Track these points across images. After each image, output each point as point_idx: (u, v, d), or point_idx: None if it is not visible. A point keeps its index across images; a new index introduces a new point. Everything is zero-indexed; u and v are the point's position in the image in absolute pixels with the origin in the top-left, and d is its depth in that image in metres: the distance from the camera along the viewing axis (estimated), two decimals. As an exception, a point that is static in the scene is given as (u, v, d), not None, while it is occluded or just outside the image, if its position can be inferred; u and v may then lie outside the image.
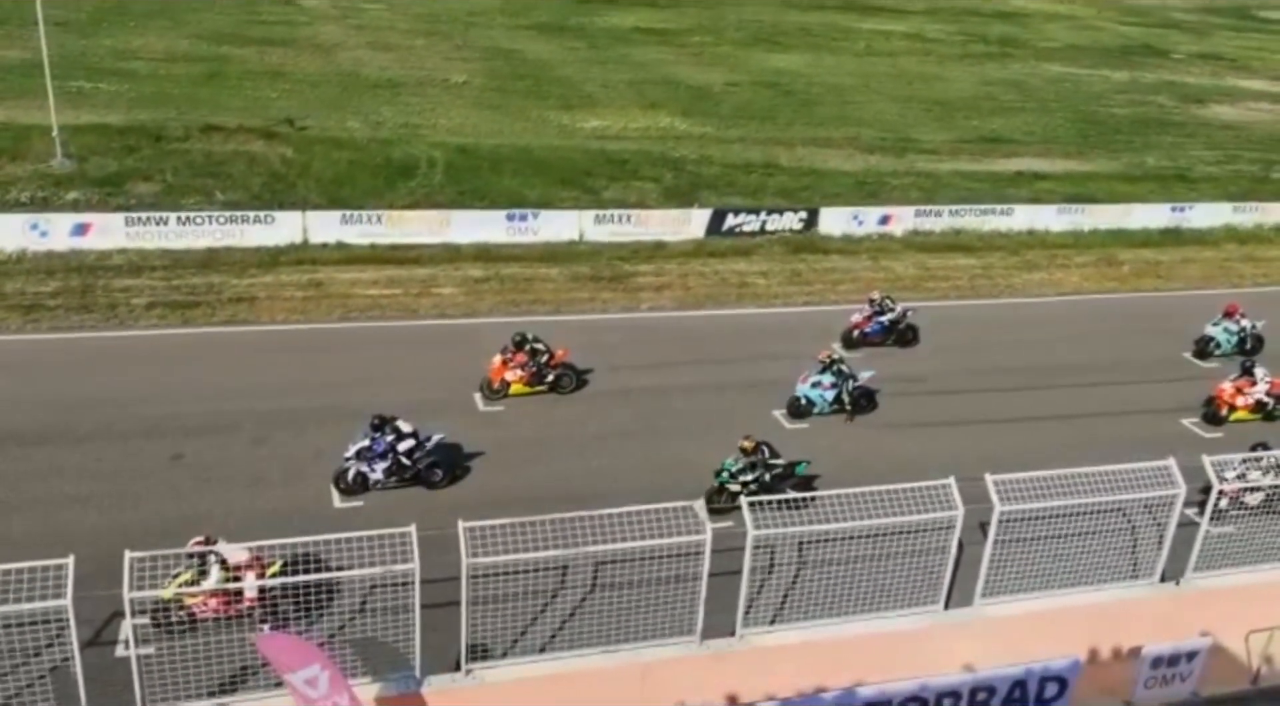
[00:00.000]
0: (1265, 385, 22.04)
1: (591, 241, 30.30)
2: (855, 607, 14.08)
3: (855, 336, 24.73)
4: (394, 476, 17.72)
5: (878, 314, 24.80)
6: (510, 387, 21.26)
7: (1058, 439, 20.93)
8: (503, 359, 21.27)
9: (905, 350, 24.95)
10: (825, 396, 21.29)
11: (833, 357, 21.59)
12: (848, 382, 21.30)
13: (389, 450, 17.58)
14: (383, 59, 50.49)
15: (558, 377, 21.54)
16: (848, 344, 24.45)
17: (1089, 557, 15.03)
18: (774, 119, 45.67)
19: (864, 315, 24.94)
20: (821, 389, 21.30)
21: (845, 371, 21.37)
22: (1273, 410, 22.14)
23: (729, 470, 17.57)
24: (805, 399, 21.31)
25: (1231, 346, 25.29)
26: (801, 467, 17.98)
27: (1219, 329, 25.47)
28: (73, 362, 21.47)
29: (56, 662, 12.25)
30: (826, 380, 21.30)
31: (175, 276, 25.84)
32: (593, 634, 13.29)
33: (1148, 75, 62.38)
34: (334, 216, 28.72)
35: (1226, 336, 25.40)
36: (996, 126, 47.72)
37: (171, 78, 43.47)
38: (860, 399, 21.55)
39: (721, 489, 17.45)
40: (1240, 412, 21.99)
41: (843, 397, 21.29)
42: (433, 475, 18.06)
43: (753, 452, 17.61)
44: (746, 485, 17.30)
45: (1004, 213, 34.69)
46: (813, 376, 21.43)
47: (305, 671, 11.13)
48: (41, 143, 31.99)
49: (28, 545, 14.25)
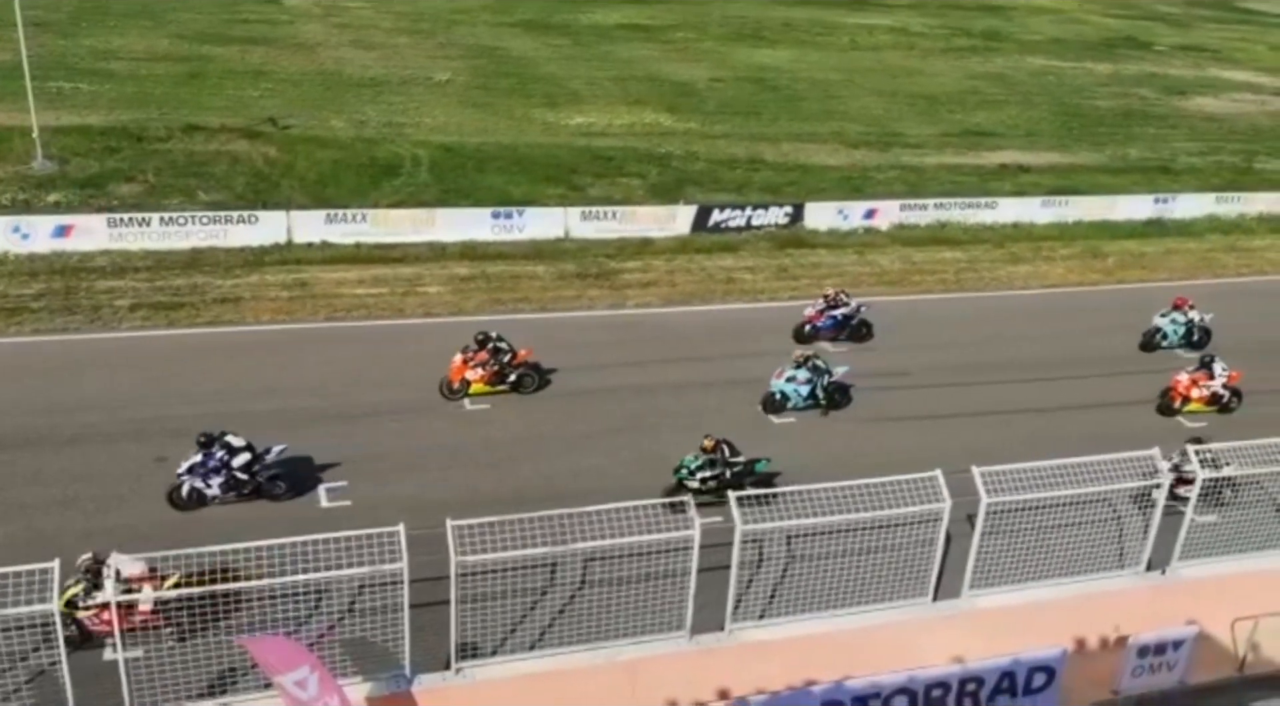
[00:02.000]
0: (1223, 378, 22.08)
1: (577, 238, 30.27)
2: (844, 601, 14.12)
3: (807, 331, 24.70)
4: (232, 491, 17.15)
5: (830, 308, 24.79)
6: (470, 387, 20.96)
7: (1043, 431, 21.05)
8: (463, 358, 20.98)
9: (895, 344, 24.99)
10: (800, 391, 21.31)
11: (808, 354, 21.66)
12: (822, 378, 21.36)
13: (222, 465, 17.01)
14: (366, 57, 50.28)
15: (520, 377, 21.28)
16: (799, 338, 24.45)
17: (1075, 548, 15.11)
18: (759, 114, 45.69)
19: (817, 309, 24.93)
20: (796, 384, 21.32)
21: (820, 367, 21.42)
22: (1228, 403, 22.21)
23: (688, 467, 17.56)
24: (780, 394, 21.36)
25: (1179, 338, 25.32)
26: (761, 465, 18.00)
27: (1166, 321, 25.42)
28: (56, 365, 21.34)
29: (44, 667, 12.20)
30: (801, 375, 21.32)
31: (159, 277, 25.71)
32: (583, 631, 13.29)
33: (1131, 68, 62.65)
34: (318, 216, 28.60)
35: (1173, 328, 25.36)
36: (981, 120, 47.87)
37: (153, 77, 43.19)
38: (835, 394, 21.62)
39: (680, 485, 17.36)
40: (1194, 405, 22.07)
41: (817, 393, 21.33)
42: (275, 488, 17.46)
43: (712, 451, 17.62)
44: (705, 482, 17.33)
45: (989, 206, 34.82)
46: (788, 372, 21.44)
47: (295, 673, 11.10)
48: (22, 144, 31.77)
49: (12, 549, 14.16)
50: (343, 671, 12.53)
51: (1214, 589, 15.23)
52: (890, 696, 13.26)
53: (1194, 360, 23.15)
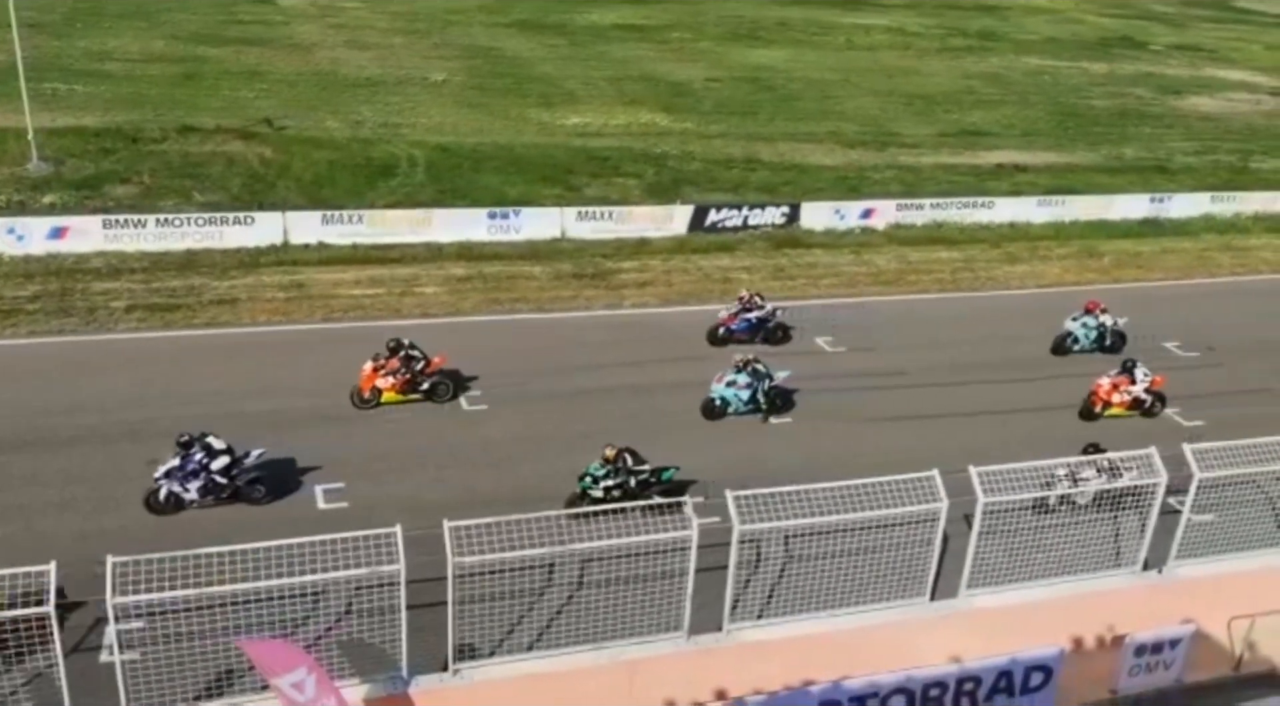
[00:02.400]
0: (1145, 383, 21.71)
1: (574, 239, 30.26)
2: (841, 601, 14.13)
3: (721, 333, 24.14)
4: (210, 495, 16.89)
5: (745, 311, 24.16)
6: (382, 396, 20.31)
7: (1041, 431, 21.05)
8: (374, 366, 20.30)
9: (892, 344, 24.98)
10: (740, 396, 20.86)
11: (748, 358, 21.15)
12: (763, 382, 20.87)
13: (201, 469, 16.74)
14: (361, 58, 50.24)
15: (433, 386, 20.60)
16: (713, 341, 23.97)
17: (1072, 547, 15.14)
18: (755, 114, 45.71)
19: (730, 312, 24.35)
20: (736, 389, 20.88)
21: (761, 371, 20.91)
22: (1151, 408, 21.87)
23: (592, 475, 17.04)
24: (720, 400, 20.89)
25: (1090, 342, 24.71)
26: (668, 474, 17.51)
27: (1078, 324, 24.81)
28: (52, 367, 21.29)
29: (41, 669, 12.18)
30: (742, 380, 20.85)
31: (155, 279, 25.66)
32: (580, 631, 13.29)
33: (1126, 67, 62.75)
34: (314, 217, 28.57)
35: (1085, 332, 24.75)
36: (977, 120, 47.92)
37: (148, 78, 43.14)
38: (776, 399, 21.16)
39: (584, 494, 16.89)
40: (1116, 409, 21.73)
41: (758, 398, 20.90)
42: (254, 492, 17.20)
43: (614, 460, 17.07)
44: (609, 491, 16.82)
45: (985, 206, 34.85)
46: (728, 376, 21.00)
47: (292, 675, 11.09)
48: (17, 146, 31.71)
49: (8, 552, 14.12)
50: (340, 673, 12.53)
51: (1210, 588, 15.27)
52: (888, 696, 13.27)
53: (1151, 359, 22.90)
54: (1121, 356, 23.12)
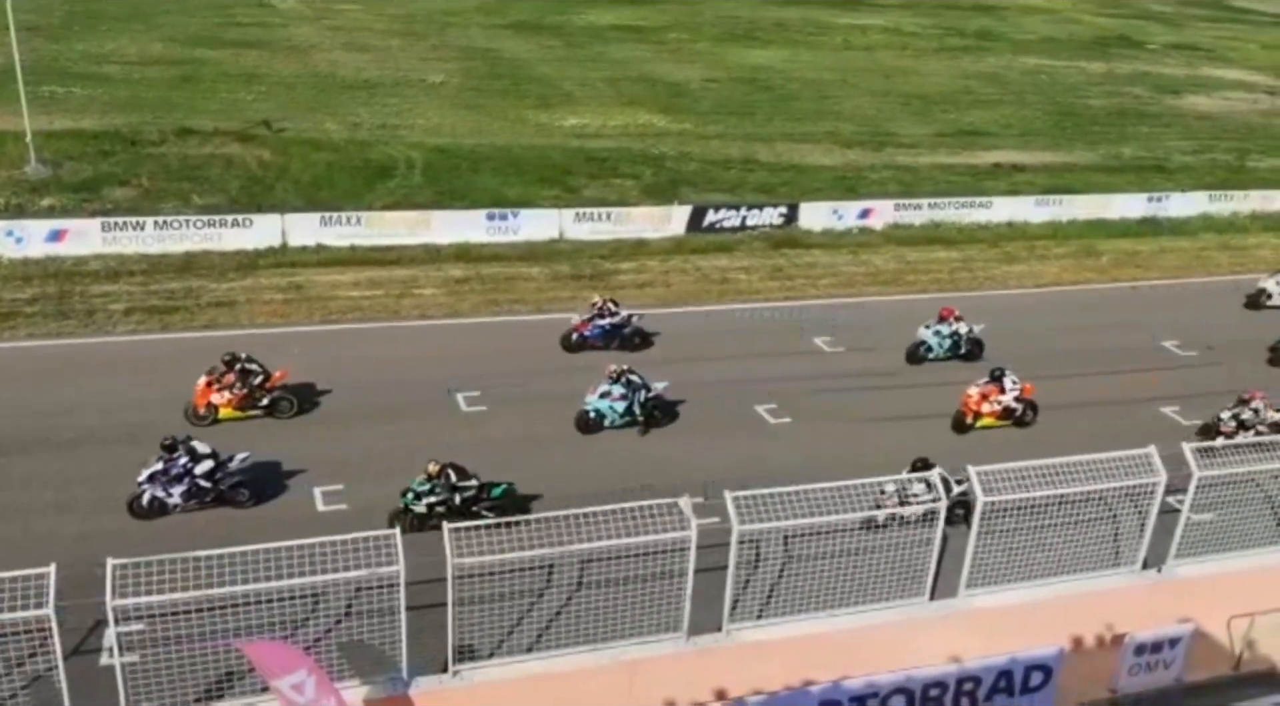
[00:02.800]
0: (1015, 392, 21.00)
1: (572, 240, 30.27)
2: (841, 601, 14.13)
3: (575, 340, 23.37)
4: (194, 499, 16.75)
5: (599, 317, 23.38)
6: (219, 412, 19.46)
7: (1038, 429, 21.07)
8: (208, 381, 19.43)
9: (890, 344, 24.98)
10: (616, 408, 20.08)
11: (622, 368, 20.30)
12: (639, 394, 20.11)
13: (185, 473, 16.56)
14: (359, 60, 50.23)
15: (275, 401, 19.75)
16: (566, 347, 23.28)
17: (1072, 546, 15.14)
18: (752, 115, 45.72)
19: (583, 318, 23.52)
20: (611, 400, 20.06)
21: (636, 381, 20.16)
22: (1023, 417, 21.21)
23: (414, 491, 16.48)
24: (595, 411, 20.09)
25: (944, 350, 23.88)
26: (499, 490, 16.99)
27: (930, 333, 23.94)
28: (51, 370, 21.28)
29: (40, 672, 12.17)
30: (617, 391, 20.04)
31: (153, 281, 25.66)
32: (580, 632, 13.29)
33: (1124, 67, 62.79)
34: (313, 218, 28.56)
35: (938, 340, 23.89)
36: (974, 119, 47.94)
37: (146, 81, 43.13)
38: (655, 411, 20.38)
39: (406, 510, 16.36)
40: (987, 420, 21.02)
41: (634, 410, 20.15)
42: (238, 495, 17.09)
43: (437, 476, 16.45)
44: (433, 508, 16.34)
45: (983, 205, 34.87)
46: (601, 386, 20.14)
47: (292, 676, 11.10)
48: (15, 149, 31.69)
49: (8, 554, 14.11)
50: (340, 674, 12.52)
51: (1210, 587, 15.27)
52: (888, 696, 13.28)
53: None
54: (990, 364, 22.18)
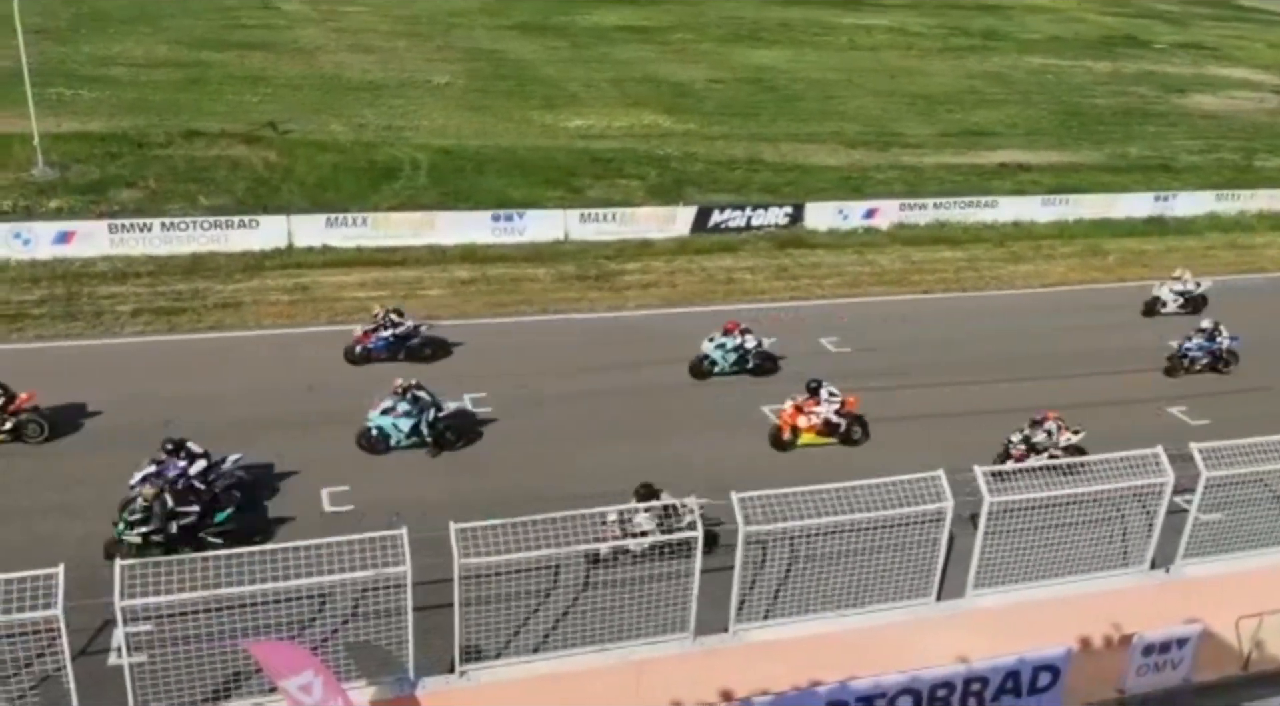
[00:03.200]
0: (833, 404, 20.03)
1: (577, 241, 30.29)
2: (848, 601, 14.11)
3: (359, 352, 22.28)
4: None
5: (381, 328, 22.38)
6: None
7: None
8: None
9: (895, 344, 24.97)
10: (400, 426, 18.84)
11: (408, 383, 19.10)
12: (427, 412, 18.91)
13: (179, 474, 16.26)
14: (364, 61, 50.31)
15: (21, 425, 18.55)
16: (350, 359, 22.27)
17: (1079, 547, 15.10)
18: (757, 115, 45.71)
19: (366, 328, 22.46)
20: (395, 417, 18.84)
21: (424, 398, 18.99)
22: (849, 432, 20.18)
23: (126, 520, 15.54)
24: (377, 430, 18.90)
25: (729, 364, 22.59)
26: (222, 516, 16.23)
27: (713, 346, 22.61)
28: (59, 371, 21.31)
29: (48, 673, 12.19)
30: (402, 407, 18.82)
31: (160, 283, 25.72)
32: (586, 632, 13.28)
33: (1130, 66, 62.67)
34: (319, 220, 28.61)
35: (723, 354, 22.54)
36: (980, 119, 47.88)
37: (152, 83, 43.25)
38: (447, 431, 19.07)
39: (119, 541, 15.43)
40: (808, 436, 19.99)
41: (422, 429, 18.94)
42: (230, 498, 16.78)
43: (153, 500, 15.59)
44: (147, 538, 15.46)
45: (989, 205, 34.83)
46: (385, 402, 18.95)
47: (299, 677, 11.10)
48: (22, 151, 31.81)
49: (16, 555, 14.15)
50: (346, 675, 12.52)
51: (1218, 587, 15.22)
52: (895, 696, 13.26)
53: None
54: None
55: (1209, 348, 24.23)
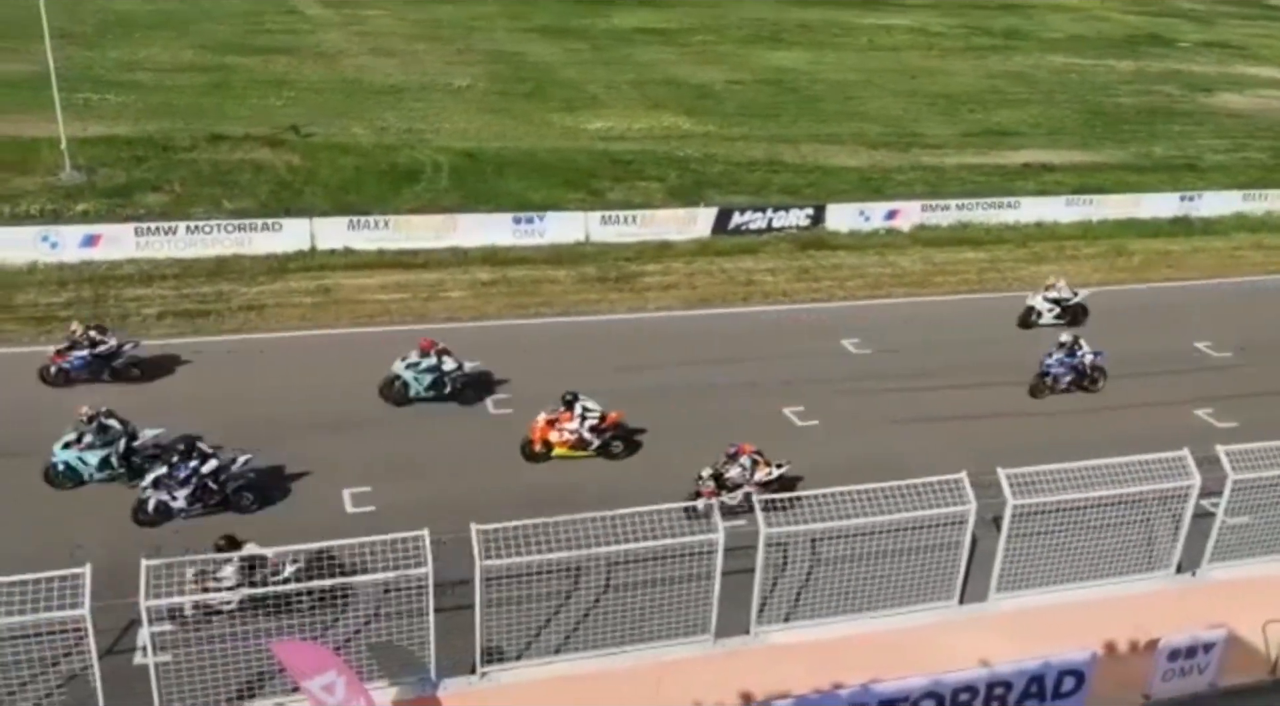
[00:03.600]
0: (590, 420, 19.07)
1: (597, 242, 30.31)
2: (869, 604, 14.06)
3: (54, 373, 20.40)
4: (199, 503, 16.63)
5: (76, 347, 20.57)
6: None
7: (1069, 432, 20.85)
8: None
9: (916, 344, 24.82)
10: (87, 460, 17.26)
11: (95, 412, 17.39)
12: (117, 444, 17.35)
13: (192, 474, 16.45)
14: (386, 65, 50.57)
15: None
16: (48, 381, 20.47)
17: (1104, 550, 14.99)
18: (777, 116, 45.62)
19: (59, 347, 20.59)
20: (79, 450, 17.25)
21: (114, 427, 17.51)
22: (608, 446, 19.21)
23: None
24: (63, 465, 17.29)
25: (424, 387, 20.79)
26: None
27: (404, 366, 20.89)
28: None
29: (76, 671, 12.34)
30: (88, 439, 17.33)
31: (185, 285, 25.93)
32: (607, 634, 13.30)
33: (1154, 65, 62.11)
34: (341, 222, 28.78)
35: (415, 375, 20.81)
36: (1002, 119, 47.58)
37: (177, 88, 43.64)
38: (144, 465, 17.27)
39: None
40: (561, 449, 19.11)
41: (112, 462, 17.40)
42: (242, 499, 16.95)
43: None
44: None
45: (1011, 206, 34.60)
46: (68, 434, 17.28)
47: (322, 677, 11.18)
48: (50, 155, 32.17)
49: (44, 555, 14.31)
50: (368, 675, 12.60)
51: (1245, 590, 15.06)
52: (917, 700, 13.19)
53: None
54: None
55: (1069, 363, 22.61)
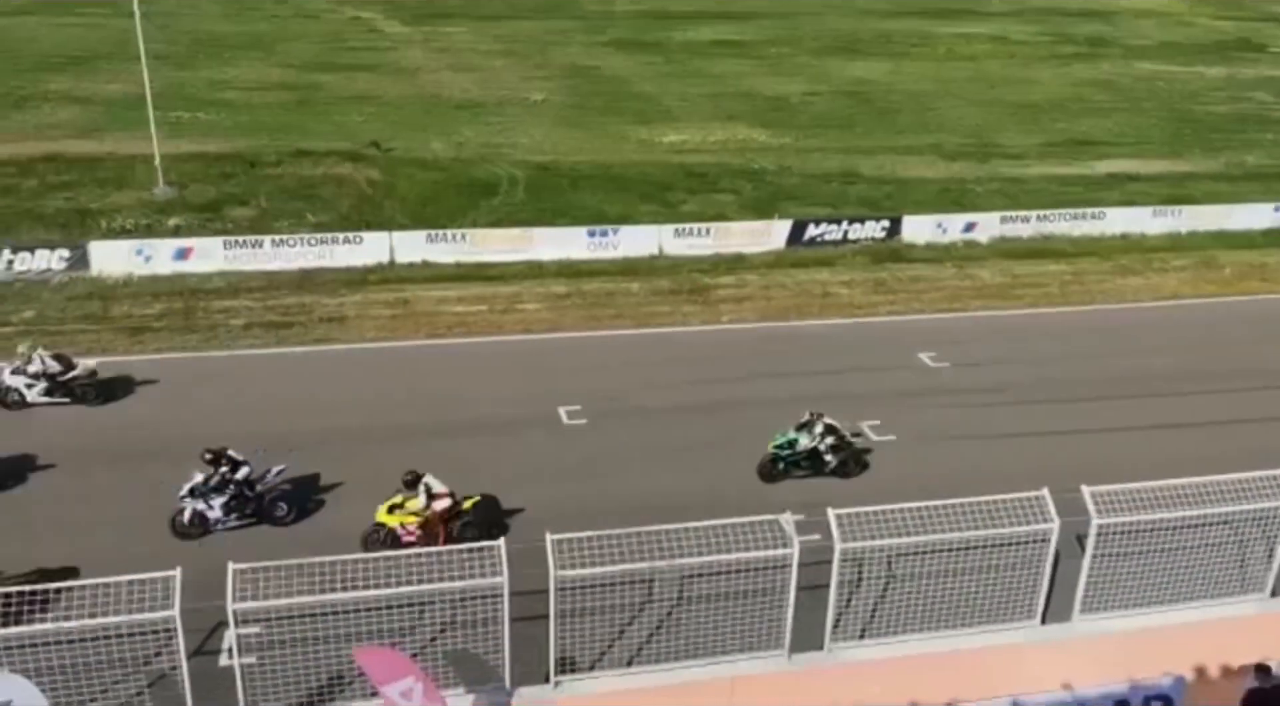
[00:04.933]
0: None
1: (671, 255, 30.38)
2: (948, 622, 13.81)
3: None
4: (234, 513, 16.68)
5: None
6: None
7: (1156, 450, 20.21)
8: None
9: (993, 358, 24.32)
10: None
11: None
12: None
13: (226, 483, 16.56)
14: (464, 80, 51.51)
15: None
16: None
17: (1194, 572, 14.50)
18: (853, 128, 45.27)
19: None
20: None
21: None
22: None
23: None
24: None
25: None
26: None
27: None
28: (177, 381, 22.20)
29: (164, 671, 12.74)
30: None
31: (270, 297, 26.67)
32: (680, 646, 13.28)
33: (1246, 71, 60.13)
34: (419, 236, 29.34)
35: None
36: (1086, 128, 46.50)
37: (264, 105, 45.05)
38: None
39: None
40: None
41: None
42: (276, 510, 16.91)
43: None
44: None
45: (1095, 217, 33.77)
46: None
47: (400, 683, 11.35)
48: (145, 172, 33.49)
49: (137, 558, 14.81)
50: (444, 683, 12.77)
51: (1346, 617, 14.44)
52: (996, 722, 12.88)
53: None
54: None
55: None
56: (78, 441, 19.50)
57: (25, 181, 33.51)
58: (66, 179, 33.85)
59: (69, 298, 26.07)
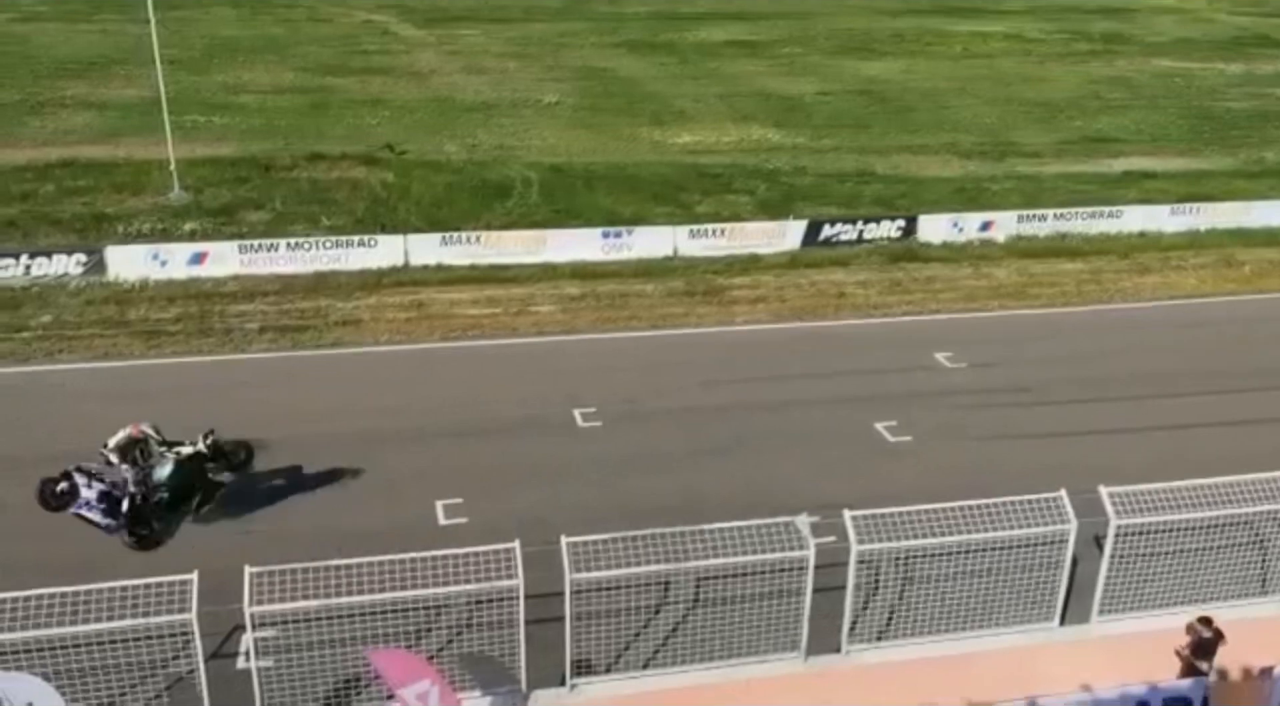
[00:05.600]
0: None
1: (685, 256, 30.33)
2: (965, 624, 13.73)
3: None
4: (104, 510, 15.96)
5: None
6: None
7: (1174, 450, 20.04)
8: None
9: (1015, 359, 24.19)
10: None
11: None
12: None
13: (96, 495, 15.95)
14: (477, 83, 51.60)
15: None
16: None
17: (1214, 572, 14.39)
18: (868, 127, 45.12)
19: None
20: None
21: None
22: None
23: None
24: None
25: None
26: None
27: None
28: (192, 386, 22.31)
29: (182, 674, 12.80)
30: None
31: (285, 301, 26.75)
32: (696, 649, 13.26)
33: (1265, 67, 59.64)
34: (434, 238, 29.37)
35: None
36: (1103, 126, 46.22)
37: (278, 109, 45.22)
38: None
39: None
40: None
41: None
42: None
43: None
44: None
45: (1112, 215, 33.53)
46: None
47: (417, 686, 11.37)
48: (160, 176, 33.65)
49: (152, 561, 14.90)
50: (460, 685, 12.77)
51: (1370, 618, 14.29)
52: (1016, 724, 12.79)
53: None
54: None
55: None
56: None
57: (42, 186, 33.73)
58: (83, 184, 34.05)
59: (86, 302, 26.23)
